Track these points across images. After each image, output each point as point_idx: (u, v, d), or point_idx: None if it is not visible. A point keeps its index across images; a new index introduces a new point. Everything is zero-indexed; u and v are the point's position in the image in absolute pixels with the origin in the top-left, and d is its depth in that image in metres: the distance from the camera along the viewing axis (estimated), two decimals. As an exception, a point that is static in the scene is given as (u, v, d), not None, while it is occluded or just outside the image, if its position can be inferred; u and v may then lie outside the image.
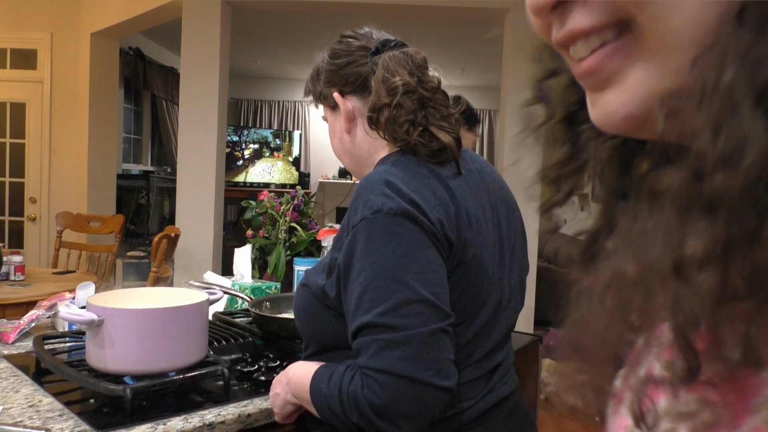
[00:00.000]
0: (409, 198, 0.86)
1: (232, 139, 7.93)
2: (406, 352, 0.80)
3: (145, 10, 4.24)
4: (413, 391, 0.80)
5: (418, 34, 5.69)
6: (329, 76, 1.05)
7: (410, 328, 0.81)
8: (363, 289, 0.84)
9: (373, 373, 0.81)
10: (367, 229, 0.85)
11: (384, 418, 0.81)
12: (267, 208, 2.10)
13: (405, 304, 0.82)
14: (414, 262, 0.84)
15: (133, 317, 1.08)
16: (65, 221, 3.90)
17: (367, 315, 0.83)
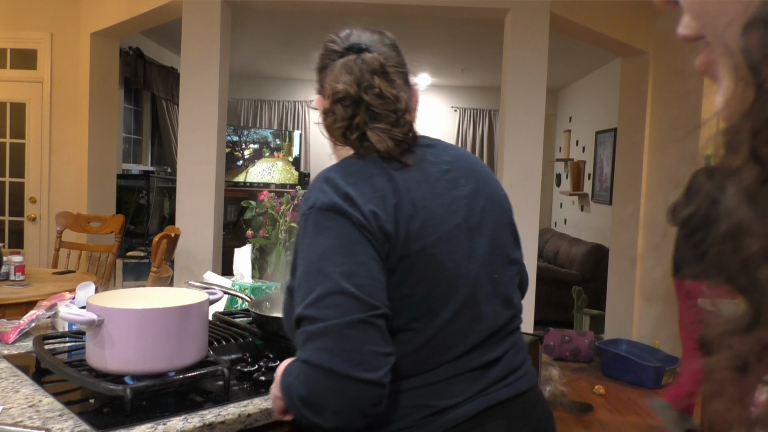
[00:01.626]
0: (342, 192, 0.88)
1: (232, 139, 7.93)
2: (325, 343, 0.81)
3: (145, 10, 4.24)
4: (333, 382, 0.80)
5: (418, 34, 5.69)
6: (322, 68, 1.05)
7: (328, 319, 0.82)
8: (299, 282, 0.88)
9: (301, 364, 0.83)
10: (303, 224, 0.90)
11: (310, 408, 0.82)
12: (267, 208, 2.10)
13: (326, 296, 0.83)
14: (339, 254, 0.85)
15: (133, 317, 1.08)
16: (65, 221, 3.90)
17: (299, 308, 0.85)
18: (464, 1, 3.94)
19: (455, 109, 8.38)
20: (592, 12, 4.29)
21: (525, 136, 3.91)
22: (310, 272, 0.86)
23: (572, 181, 6.90)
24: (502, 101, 4.13)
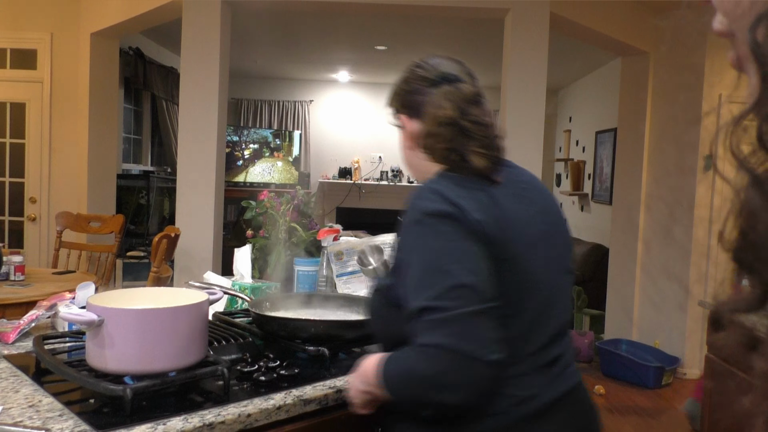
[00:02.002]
0: (451, 202, 1.00)
1: (232, 139, 7.93)
2: (454, 329, 0.92)
3: (145, 10, 4.24)
4: (460, 363, 0.91)
5: (418, 34, 5.69)
6: (400, 99, 1.21)
7: (455, 309, 0.93)
8: (416, 279, 0.98)
9: (426, 348, 0.93)
10: (415, 228, 1.01)
11: (434, 388, 0.93)
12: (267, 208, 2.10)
13: (450, 289, 0.94)
14: (455, 253, 0.97)
15: (133, 317, 1.08)
16: (65, 221, 3.90)
17: (418, 300, 0.96)
18: (464, 1, 3.94)
19: (455, 109, 8.37)
20: (592, 12, 4.29)
21: (525, 136, 3.91)
22: (431, 270, 0.97)
23: (572, 181, 6.90)
24: (502, 101, 4.13)
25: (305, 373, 1.28)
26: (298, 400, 1.16)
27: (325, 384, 1.23)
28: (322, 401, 1.20)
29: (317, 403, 1.19)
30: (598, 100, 6.62)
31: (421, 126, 1.15)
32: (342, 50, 6.66)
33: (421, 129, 1.13)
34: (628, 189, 4.98)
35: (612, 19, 4.48)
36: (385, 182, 8.22)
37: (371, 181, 8.26)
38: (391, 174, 8.27)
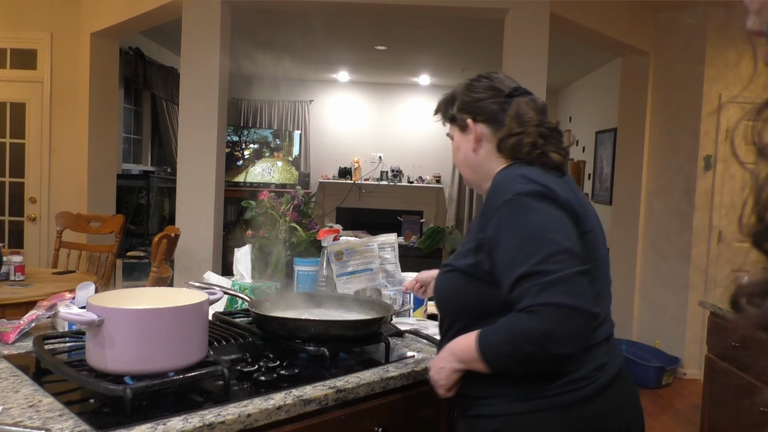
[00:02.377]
0: (541, 183, 1.14)
1: (232, 139, 7.93)
2: (562, 288, 1.05)
3: (145, 10, 4.23)
4: (571, 316, 1.04)
5: (418, 34, 5.68)
6: (465, 105, 1.32)
7: (561, 271, 1.06)
8: (516, 249, 1.09)
9: (539, 307, 1.04)
10: (512, 207, 1.12)
11: (552, 341, 1.03)
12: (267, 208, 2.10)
13: (554, 254, 1.07)
14: (552, 223, 1.11)
15: (133, 317, 1.08)
16: (65, 221, 3.90)
17: (524, 266, 1.07)
18: (464, 1, 3.94)
19: (455, 109, 8.37)
20: (592, 12, 4.29)
21: (525, 136, 3.90)
22: (531, 240, 1.09)
23: (572, 181, 6.89)
24: (502, 101, 4.12)
25: (305, 373, 1.28)
26: (298, 400, 1.16)
27: (325, 384, 1.23)
28: (322, 401, 1.20)
29: (317, 403, 1.19)
30: (598, 100, 6.62)
31: (492, 129, 1.29)
32: (342, 50, 6.66)
33: (505, 131, 1.26)
34: (628, 189, 4.98)
35: (612, 19, 4.48)
36: (385, 182, 8.21)
37: (371, 181, 8.26)
38: (391, 174, 8.26)
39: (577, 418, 1.11)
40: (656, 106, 4.83)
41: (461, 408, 1.24)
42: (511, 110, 1.27)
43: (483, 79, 1.34)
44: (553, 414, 1.11)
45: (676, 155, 4.68)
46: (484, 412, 1.17)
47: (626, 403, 1.19)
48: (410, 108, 8.45)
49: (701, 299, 3.07)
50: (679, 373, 4.55)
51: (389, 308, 1.53)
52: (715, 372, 2.76)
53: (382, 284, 1.84)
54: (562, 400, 1.11)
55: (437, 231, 5.02)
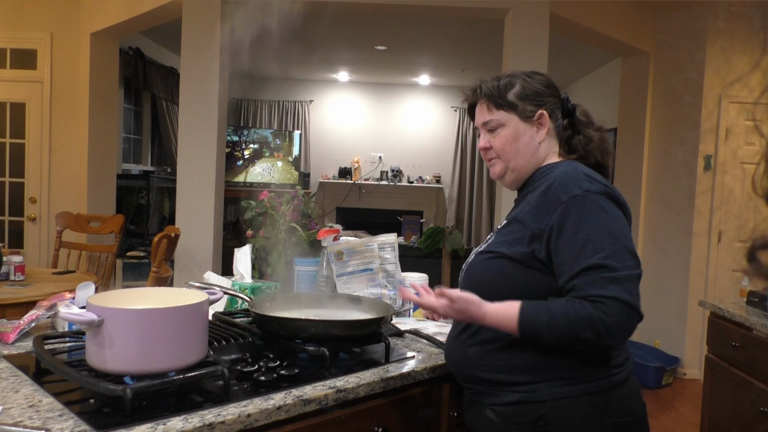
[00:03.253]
0: (605, 184, 1.22)
1: (232, 139, 7.93)
2: (627, 286, 1.12)
3: (145, 10, 4.23)
4: (631, 313, 1.12)
5: (418, 34, 5.68)
6: (532, 95, 1.35)
7: (627, 270, 1.13)
8: (584, 242, 1.15)
9: (605, 299, 1.11)
10: (580, 202, 1.18)
11: (609, 333, 1.11)
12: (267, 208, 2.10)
13: (620, 252, 1.14)
14: (619, 224, 1.18)
15: (133, 317, 1.08)
16: (65, 221, 3.90)
17: (592, 258, 1.13)
18: (464, 1, 3.94)
19: (455, 109, 8.38)
20: (592, 12, 4.29)
21: (525, 136, 3.90)
22: (600, 236, 1.15)
23: (572, 181, 6.89)
24: (502, 101, 4.12)
25: (305, 373, 1.28)
26: (298, 400, 1.16)
27: (325, 384, 1.23)
28: (322, 401, 1.20)
29: (317, 403, 1.19)
30: (598, 100, 6.62)
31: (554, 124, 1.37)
32: (342, 50, 6.66)
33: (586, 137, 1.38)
34: (628, 189, 4.98)
35: (612, 19, 4.48)
36: (385, 182, 8.21)
37: (371, 181, 8.26)
38: (391, 174, 8.26)
39: (616, 399, 1.19)
40: (656, 106, 4.83)
41: (487, 396, 1.25)
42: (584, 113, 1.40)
43: (542, 76, 1.39)
44: (599, 397, 1.18)
45: (676, 155, 4.68)
46: (524, 398, 1.19)
47: (639, 389, 1.28)
48: (410, 108, 8.45)
49: (701, 299, 3.06)
50: (679, 373, 4.55)
51: (389, 308, 1.53)
52: (715, 372, 2.76)
53: (382, 284, 1.84)
54: (606, 384, 1.19)
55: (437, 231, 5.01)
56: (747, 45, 4.51)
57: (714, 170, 4.53)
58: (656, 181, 4.81)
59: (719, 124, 4.52)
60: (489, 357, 1.25)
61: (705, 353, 2.88)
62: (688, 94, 4.60)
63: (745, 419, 2.52)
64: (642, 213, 4.88)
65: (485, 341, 1.25)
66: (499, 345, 1.23)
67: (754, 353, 2.46)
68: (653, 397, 4.12)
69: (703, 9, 4.51)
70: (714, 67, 4.51)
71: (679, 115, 4.66)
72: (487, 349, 1.25)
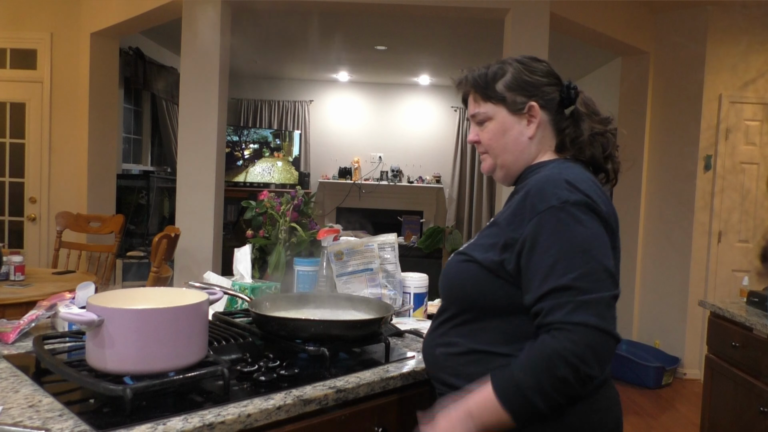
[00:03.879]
0: (585, 193, 1.10)
1: (232, 139, 7.93)
2: (598, 310, 1.02)
3: (145, 10, 4.23)
4: (603, 340, 1.01)
5: (418, 34, 5.68)
6: (524, 85, 1.24)
7: (599, 291, 1.03)
8: (555, 258, 1.05)
9: (572, 326, 1.01)
10: (556, 214, 1.07)
11: (585, 363, 1.00)
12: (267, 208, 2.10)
13: (594, 272, 1.04)
14: (596, 241, 1.07)
15: (133, 317, 1.08)
16: (65, 221, 3.90)
17: (562, 279, 1.03)
18: (464, 1, 3.94)
19: (455, 109, 8.38)
20: (592, 12, 4.29)
21: (525, 136, 3.90)
22: (574, 253, 1.05)
23: (572, 181, 6.89)
24: (502, 101, 4.12)
25: (305, 373, 1.28)
26: (298, 400, 1.16)
27: (325, 384, 1.23)
28: (322, 401, 1.20)
29: (317, 403, 1.19)
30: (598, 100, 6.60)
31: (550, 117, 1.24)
32: (342, 50, 6.66)
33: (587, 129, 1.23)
34: (628, 189, 4.98)
35: (612, 19, 4.48)
36: (385, 182, 8.22)
37: (371, 181, 8.26)
38: (391, 174, 8.27)
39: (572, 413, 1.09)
40: (656, 106, 4.83)
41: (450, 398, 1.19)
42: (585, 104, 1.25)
43: (541, 62, 1.28)
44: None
45: (676, 155, 4.68)
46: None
47: (614, 402, 1.19)
48: (410, 108, 8.45)
49: (701, 299, 3.06)
50: (679, 373, 4.55)
51: (389, 308, 1.53)
52: (715, 372, 2.76)
53: (382, 284, 1.84)
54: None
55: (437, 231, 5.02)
56: (747, 45, 4.51)
57: (714, 170, 4.52)
58: (656, 181, 4.81)
59: (719, 124, 4.51)
60: (451, 360, 1.19)
61: (705, 353, 2.88)
62: (688, 94, 4.60)
63: (745, 419, 2.52)
64: (642, 213, 4.88)
65: (448, 344, 1.20)
66: (459, 350, 1.18)
67: (754, 353, 2.46)
68: (653, 397, 4.12)
69: (703, 9, 4.51)
70: (714, 67, 4.51)
71: (679, 115, 4.66)
72: (449, 351, 1.19)
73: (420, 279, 1.89)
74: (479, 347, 1.15)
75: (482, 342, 1.15)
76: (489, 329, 1.15)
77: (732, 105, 4.53)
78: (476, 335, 1.16)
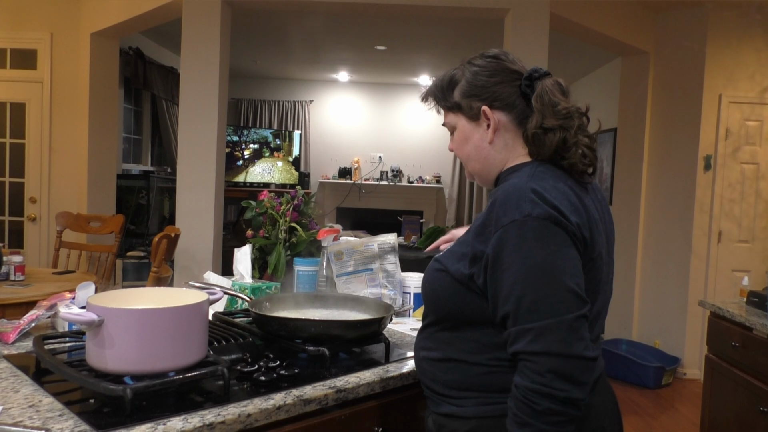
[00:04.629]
0: (552, 204, 1.02)
1: (232, 139, 7.93)
2: (559, 335, 0.97)
3: (145, 10, 4.24)
4: (569, 364, 0.97)
5: (418, 34, 5.68)
6: (476, 90, 1.17)
7: (559, 315, 0.98)
8: (515, 279, 1.00)
9: (533, 357, 0.98)
10: (518, 229, 1.01)
11: (557, 389, 0.96)
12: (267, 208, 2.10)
13: (554, 294, 0.98)
14: (560, 258, 1.00)
15: (133, 317, 1.08)
16: (65, 221, 3.90)
17: (522, 300, 0.99)
18: (464, 1, 3.94)
19: (455, 109, 8.37)
20: (592, 12, 4.29)
21: (525, 136, 3.90)
22: (536, 272, 0.99)
23: (572, 181, 6.89)
24: (502, 101, 4.12)
25: (305, 373, 1.28)
26: (298, 400, 1.16)
27: (325, 384, 1.23)
28: (322, 401, 1.20)
29: (317, 403, 1.19)
30: (598, 100, 6.61)
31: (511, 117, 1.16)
32: (342, 50, 6.66)
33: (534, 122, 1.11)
34: (628, 189, 4.98)
35: (612, 19, 4.48)
36: (385, 182, 8.22)
37: (371, 181, 8.26)
38: (391, 174, 8.27)
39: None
40: (656, 106, 4.83)
41: (432, 403, 1.20)
42: (540, 97, 1.11)
43: (492, 59, 1.18)
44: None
45: (676, 155, 4.68)
46: (454, 411, 1.13)
47: (602, 409, 1.14)
48: (410, 108, 8.45)
49: (701, 299, 3.07)
50: (679, 373, 4.55)
51: (389, 308, 1.53)
52: (715, 372, 2.76)
53: (382, 284, 1.84)
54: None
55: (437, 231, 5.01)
56: (747, 45, 4.51)
57: (714, 170, 4.53)
58: (656, 181, 4.81)
59: (719, 124, 4.51)
60: (431, 365, 1.18)
61: (705, 353, 2.88)
62: (688, 94, 4.60)
63: (745, 419, 2.52)
64: (642, 213, 4.88)
65: (429, 348, 1.19)
66: (437, 356, 1.16)
67: (754, 353, 2.46)
68: (653, 397, 4.12)
69: (703, 9, 4.51)
70: (714, 67, 4.51)
71: (679, 115, 4.66)
72: (429, 357, 1.18)
73: (420, 279, 1.89)
74: (455, 356, 1.13)
75: (458, 350, 1.13)
76: (464, 338, 1.13)
77: (732, 105, 4.53)
78: (453, 343, 1.14)
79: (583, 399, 0.99)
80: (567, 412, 0.97)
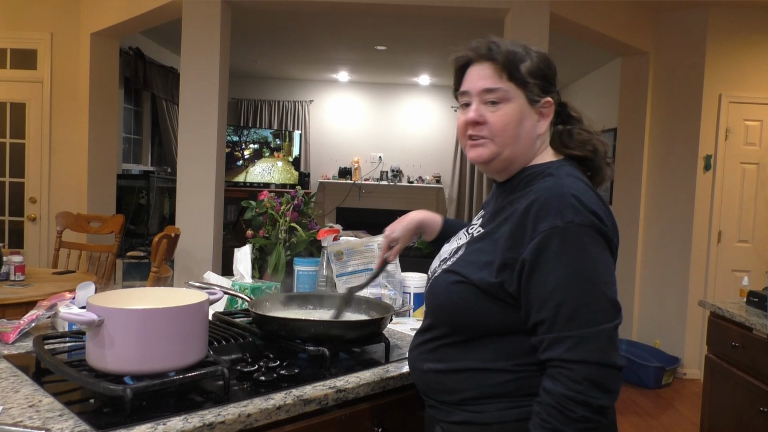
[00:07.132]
0: (592, 210, 1.03)
1: (232, 139, 7.93)
2: (599, 345, 0.98)
3: (145, 10, 4.23)
4: (605, 373, 0.98)
5: (418, 34, 5.68)
6: (544, 79, 1.14)
7: (600, 324, 0.99)
8: (555, 286, 1.00)
9: (571, 365, 0.98)
10: (560, 236, 1.00)
11: (593, 396, 0.97)
12: (267, 208, 2.10)
13: (596, 301, 0.99)
14: (600, 266, 1.01)
15: (133, 317, 1.08)
16: (65, 221, 3.90)
17: (562, 307, 0.99)
18: (464, 1, 3.94)
19: (455, 109, 8.38)
20: (592, 12, 4.29)
21: (525, 136, 3.90)
22: (577, 281, 1.00)
23: (572, 181, 6.89)
24: (502, 101, 4.12)
25: (305, 373, 1.28)
26: (298, 400, 1.16)
27: (325, 384, 1.23)
28: (322, 401, 1.20)
29: (317, 403, 1.19)
30: (598, 100, 6.61)
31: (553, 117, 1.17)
32: (342, 50, 6.66)
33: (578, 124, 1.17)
34: (628, 189, 4.98)
35: (612, 19, 4.48)
36: (385, 182, 8.22)
37: (371, 181, 8.26)
38: (391, 174, 8.27)
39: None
40: (656, 106, 4.83)
41: (439, 412, 1.17)
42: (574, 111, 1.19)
43: (547, 57, 1.17)
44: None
45: (676, 155, 4.68)
46: (470, 419, 1.10)
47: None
48: (410, 108, 8.45)
49: (701, 299, 3.06)
50: (679, 373, 4.55)
51: (389, 308, 1.53)
52: (715, 372, 2.76)
53: (382, 284, 1.84)
54: None
55: (437, 231, 5.02)
56: (747, 45, 4.51)
57: (714, 170, 4.52)
58: (656, 181, 4.81)
59: (719, 124, 4.51)
60: (442, 377, 1.14)
61: (705, 353, 2.88)
62: (688, 94, 4.60)
63: (745, 419, 2.52)
64: (642, 213, 4.88)
65: (438, 360, 1.15)
66: (451, 367, 1.13)
67: (754, 353, 2.46)
68: (653, 397, 4.12)
69: (703, 9, 4.51)
70: (714, 67, 4.51)
71: (679, 115, 4.66)
72: (439, 369, 1.15)
73: (420, 279, 1.90)
74: (475, 365, 1.10)
75: (478, 359, 1.10)
76: (484, 347, 1.10)
77: (732, 105, 4.53)
78: (471, 352, 1.11)
79: (611, 407, 1.01)
80: (598, 420, 0.99)
